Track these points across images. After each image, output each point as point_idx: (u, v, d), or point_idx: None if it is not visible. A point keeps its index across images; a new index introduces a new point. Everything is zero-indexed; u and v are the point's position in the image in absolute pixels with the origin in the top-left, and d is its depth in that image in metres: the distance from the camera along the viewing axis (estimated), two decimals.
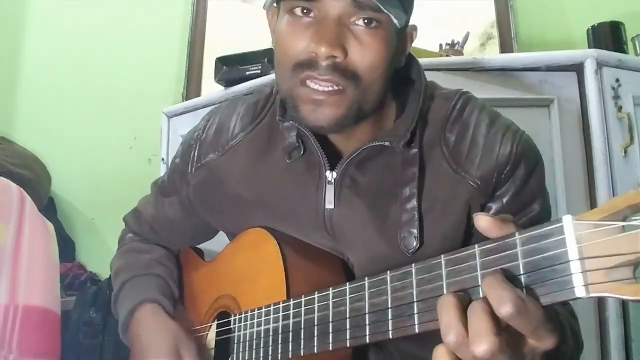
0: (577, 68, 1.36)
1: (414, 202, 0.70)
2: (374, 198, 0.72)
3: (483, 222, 0.47)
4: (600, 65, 1.33)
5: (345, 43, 0.63)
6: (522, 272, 0.43)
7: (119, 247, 0.98)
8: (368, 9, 0.63)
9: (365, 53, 0.64)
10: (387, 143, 0.70)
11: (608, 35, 1.59)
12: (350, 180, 0.73)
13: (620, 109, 1.32)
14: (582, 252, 0.40)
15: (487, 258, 0.46)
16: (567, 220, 0.41)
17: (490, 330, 0.42)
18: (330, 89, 0.64)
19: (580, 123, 1.35)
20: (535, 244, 0.43)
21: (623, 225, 0.38)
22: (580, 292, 0.40)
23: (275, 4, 0.71)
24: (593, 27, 1.63)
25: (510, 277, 0.43)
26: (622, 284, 0.38)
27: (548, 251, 0.42)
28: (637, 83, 1.36)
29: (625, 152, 1.31)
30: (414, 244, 0.69)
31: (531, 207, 0.72)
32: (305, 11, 0.65)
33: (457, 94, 0.76)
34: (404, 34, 0.72)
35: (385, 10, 0.62)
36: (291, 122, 0.72)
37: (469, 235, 0.71)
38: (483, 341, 0.41)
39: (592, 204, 1.30)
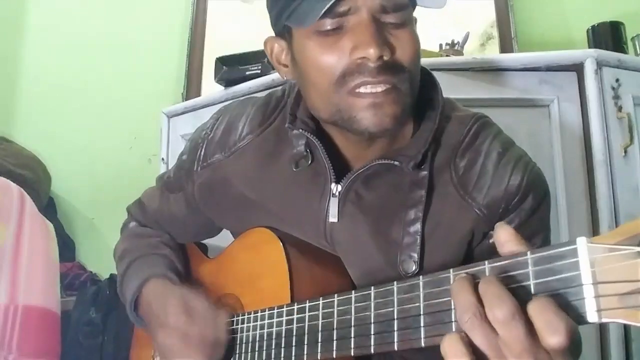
0: (577, 68, 1.35)
1: (417, 226, 0.69)
2: (377, 216, 0.71)
3: (504, 232, 0.45)
4: (600, 65, 1.32)
5: (388, 41, 0.64)
6: (533, 292, 0.42)
7: (122, 234, 0.98)
8: (394, 5, 0.64)
9: (404, 46, 0.65)
10: (396, 163, 0.69)
11: (608, 35, 1.59)
12: (355, 195, 0.72)
13: (620, 109, 1.32)
14: (596, 276, 0.39)
15: (497, 276, 0.44)
16: (582, 243, 0.40)
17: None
18: (385, 87, 0.63)
19: (580, 123, 1.35)
20: (548, 265, 0.42)
21: (638, 251, 0.37)
22: (592, 317, 0.39)
23: (283, 36, 0.70)
24: (593, 27, 1.63)
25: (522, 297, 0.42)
26: (636, 311, 0.37)
27: (560, 273, 0.41)
28: (637, 83, 1.36)
29: (625, 152, 1.31)
30: (413, 268, 0.68)
31: (532, 242, 0.71)
32: (334, 27, 0.64)
33: (472, 118, 0.74)
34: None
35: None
36: (300, 130, 0.72)
37: (468, 262, 0.71)
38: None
39: (592, 204, 1.30)
